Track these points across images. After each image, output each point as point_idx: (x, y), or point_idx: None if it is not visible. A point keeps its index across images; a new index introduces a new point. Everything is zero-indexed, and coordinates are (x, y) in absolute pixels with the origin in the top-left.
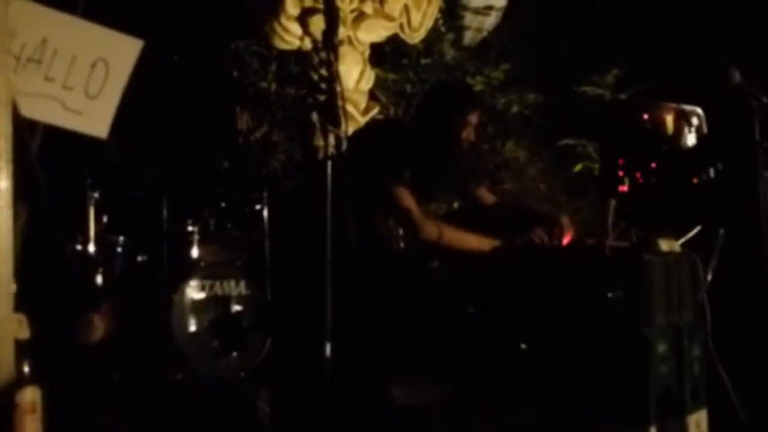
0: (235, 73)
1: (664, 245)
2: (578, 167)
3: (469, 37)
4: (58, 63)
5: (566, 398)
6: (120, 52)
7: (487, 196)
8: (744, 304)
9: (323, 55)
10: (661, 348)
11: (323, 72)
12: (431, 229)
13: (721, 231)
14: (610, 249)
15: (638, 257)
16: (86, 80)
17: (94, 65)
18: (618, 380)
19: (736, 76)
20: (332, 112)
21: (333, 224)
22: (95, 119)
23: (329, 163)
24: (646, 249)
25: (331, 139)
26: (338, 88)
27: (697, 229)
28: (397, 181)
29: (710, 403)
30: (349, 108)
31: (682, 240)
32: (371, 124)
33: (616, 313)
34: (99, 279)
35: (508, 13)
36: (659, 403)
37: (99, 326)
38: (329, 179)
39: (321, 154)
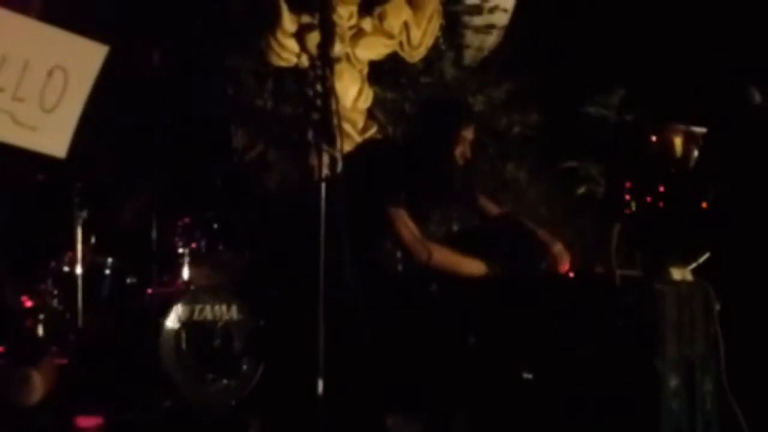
0: (231, 91)
1: (676, 274)
2: (581, 190)
3: (470, 56)
4: (7, 70)
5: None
6: (81, 59)
7: (491, 207)
8: (762, 333)
9: (318, 70)
10: (673, 383)
11: (319, 88)
12: (428, 253)
13: None
14: (620, 278)
15: (650, 287)
16: (41, 91)
17: (50, 73)
18: (628, 417)
19: (756, 96)
20: (327, 130)
21: (328, 250)
22: (51, 136)
23: (323, 185)
24: (658, 278)
25: (326, 159)
26: (334, 105)
27: (707, 255)
28: (394, 203)
29: None
30: (347, 127)
31: (692, 266)
32: (365, 144)
33: (626, 345)
34: (41, 330)
35: (509, 32)
36: None
37: (37, 385)
38: (322, 202)
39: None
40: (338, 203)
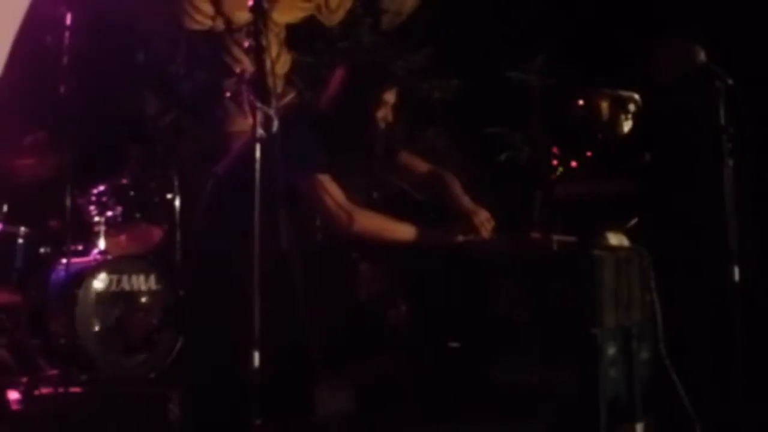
0: (141, 56)
1: (613, 239)
2: (503, 156)
3: (387, 21)
4: None
5: (508, 406)
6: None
7: (417, 163)
8: (702, 301)
9: (250, 27)
10: (611, 350)
11: (236, 53)
12: (354, 219)
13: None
14: (557, 243)
15: (587, 253)
16: None
17: None
18: (566, 385)
19: (701, 56)
20: (261, 87)
21: (262, 215)
22: None
23: (257, 146)
24: (594, 244)
25: (260, 118)
26: (267, 61)
27: (635, 220)
28: (316, 168)
29: (661, 410)
30: None
31: (621, 231)
32: (283, 109)
33: (563, 313)
34: None
35: None
36: (608, 409)
37: None
38: (257, 163)
39: (250, 135)
40: (274, 164)
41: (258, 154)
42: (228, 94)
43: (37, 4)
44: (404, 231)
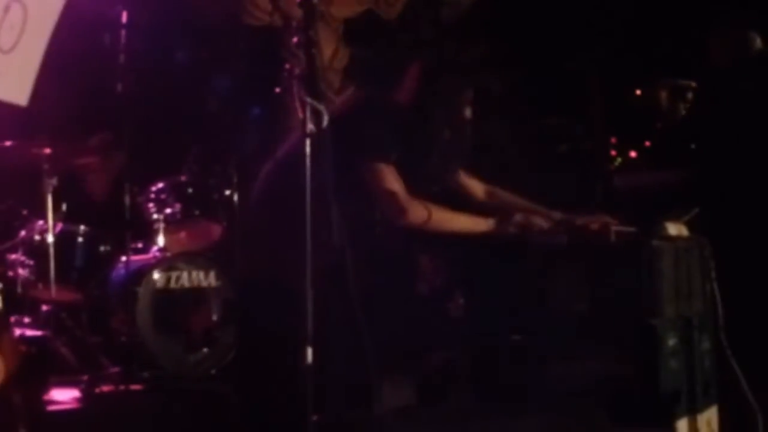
0: (205, 53)
1: (672, 229)
2: (563, 147)
3: (446, 14)
4: None
5: (569, 397)
6: None
7: (475, 185)
8: (762, 290)
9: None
10: (671, 341)
11: (293, 48)
12: (419, 211)
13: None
14: (616, 234)
15: (647, 244)
16: None
17: (6, 9)
18: (626, 377)
19: (758, 42)
20: (311, 83)
21: (314, 211)
22: (10, 80)
23: (308, 141)
24: (654, 234)
25: (310, 114)
26: (317, 57)
27: (695, 211)
28: (381, 159)
29: (722, 400)
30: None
31: (683, 221)
32: (356, 101)
33: (623, 304)
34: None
35: None
36: (669, 401)
37: None
38: (308, 160)
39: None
40: (324, 160)
41: (308, 149)
42: (278, 90)
43: (93, 3)
44: (462, 222)
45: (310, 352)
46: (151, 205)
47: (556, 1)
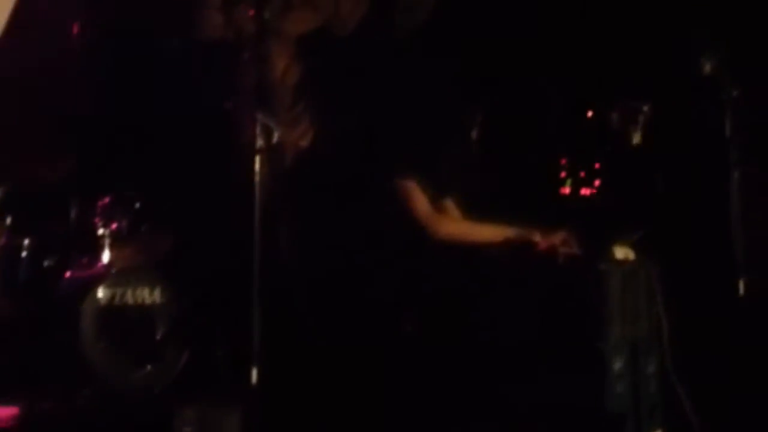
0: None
1: (620, 252)
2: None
3: (401, 22)
4: None
5: (514, 421)
6: None
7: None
8: (709, 312)
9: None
10: (617, 365)
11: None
12: (446, 227)
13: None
14: (563, 257)
15: (593, 266)
16: None
17: None
18: (572, 400)
19: (707, 66)
20: (262, 98)
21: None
22: None
23: (257, 158)
24: (601, 257)
25: (260, 130)
26: (267, 72)
27: (641, 233)
28: (407, 175)
29: (668, 424)
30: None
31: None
32: (369, 117)
33: (569, 327)
34: None
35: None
36: (615, 425)
37: None
38: (257, 176)
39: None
40: (274, 176)
41: (257, 165)
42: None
43: (46, 8)
44: (487, 233)
45: (255, 372)
46: (97, 219)
47: (514, 19)
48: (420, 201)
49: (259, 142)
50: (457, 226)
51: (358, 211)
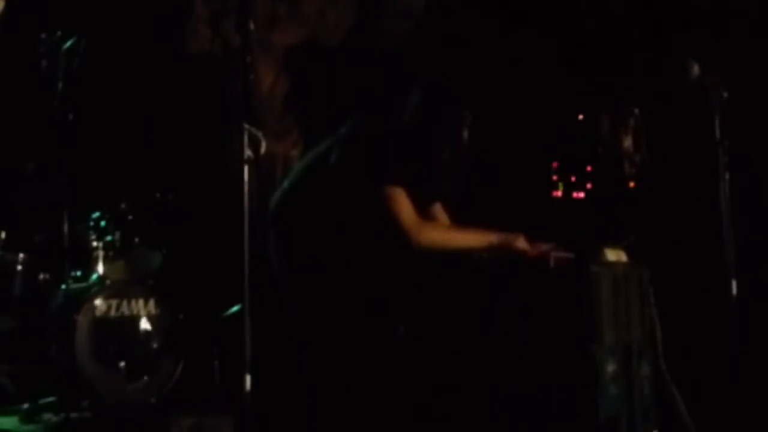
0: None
1: (611, 255)
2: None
3: (390, 27)
4: None
5: (506, 426)
6: None
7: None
8: (701, 316)
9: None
10: (610, 368)
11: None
12: (429, 234)
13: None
14: (555, 260)
15: (585, 269)
16: None
17: None
18: (564, 404)
19: (695, 70)
20: (249, 109)
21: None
22: None
23: (246, 168)
24: (592, 260)
25: (248, 140)
26: (254, 82)
27: (633, 236)
28: (390, 181)
29: (662, 426)
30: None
31: (619, 247)
32: (360, 123)
33: (561, 330)
34: None
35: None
36: (609, 427)
37: None
38: (246, 186)
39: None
40: (263, 186)
41: (246, 175)
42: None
43: (33, 28)
44: (471, 239)
45: (248, 379)
46: (90, 232)
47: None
48: (404, 209)
49: (248, 153)
50: (439, 233)
51: (346, 219)
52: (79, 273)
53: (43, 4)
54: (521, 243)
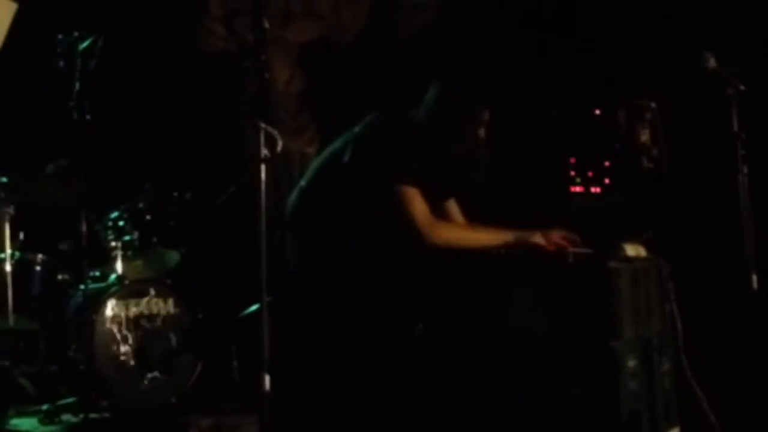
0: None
1: (630, 250)
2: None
3: (401, 37)
4: None
5: (526, 422)
6: None
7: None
8: (721, 310)
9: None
10: (631, 363)
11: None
12: (444, 232)
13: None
14: (573, 256)
15: (604, 265)
16: None
17: None
18: (585, 399)
19: (711, 62)
20: (264, 107)
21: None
22: None
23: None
24: (611, 255)
25: (264, 139)
26: (269, 80)
27: (652, 230)
28: (405, 181)
29: (684, 421)
30: (279, 111)
31: (638, 242)
32: (374, 122)
33: (581, 326)
34: None
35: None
36: (630, 423)
37: None
38: (263, 184)
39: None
40: (281, 186)
41: (263, 174)
42: (232, 115)
43: (50, 29)
44: (486, 238)
45: (267, 378)
46: (108, 232)
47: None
48: (418, 208)
49: (264, 152)
50: (454, 232)
51: (362, 218)
52: (97, 273)
53: (60, 4)
54: (538, 239)
